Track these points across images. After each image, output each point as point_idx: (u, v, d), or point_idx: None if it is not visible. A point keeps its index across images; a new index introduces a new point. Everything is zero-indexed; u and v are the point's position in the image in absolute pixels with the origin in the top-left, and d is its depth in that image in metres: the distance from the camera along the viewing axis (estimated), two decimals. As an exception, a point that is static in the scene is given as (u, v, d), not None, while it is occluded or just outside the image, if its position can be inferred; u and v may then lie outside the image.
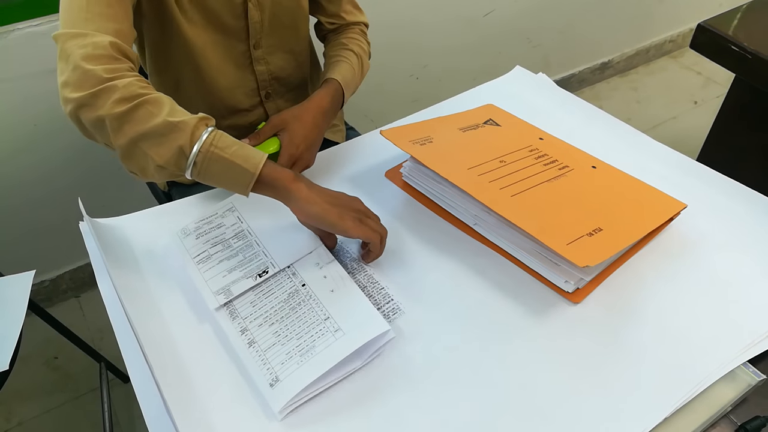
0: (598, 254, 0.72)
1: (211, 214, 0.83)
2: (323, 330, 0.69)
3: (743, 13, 1.30)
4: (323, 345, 0.67)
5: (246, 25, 0.95)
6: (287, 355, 0.67)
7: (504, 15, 2.01)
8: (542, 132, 0.96)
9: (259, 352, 0.68)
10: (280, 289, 0.75)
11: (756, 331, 0.71)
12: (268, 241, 0.80)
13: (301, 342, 0.68)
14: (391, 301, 0.75)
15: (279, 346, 0.68)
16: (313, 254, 0.78)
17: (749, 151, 1.38)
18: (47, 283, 1.66)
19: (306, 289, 0.74)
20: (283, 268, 0.76)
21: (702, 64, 2.54)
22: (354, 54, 1.03)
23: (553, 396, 0.65)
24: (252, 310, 0.73)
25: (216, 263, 0.77)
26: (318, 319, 0.70)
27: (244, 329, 0.71)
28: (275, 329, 0.70)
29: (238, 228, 0.81)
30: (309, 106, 0.94)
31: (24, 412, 1.47)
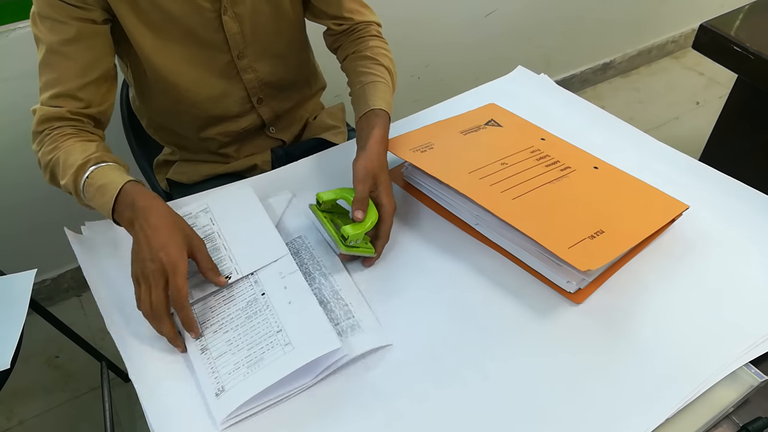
0: (599, 257, 0.72)
1: (185, 214, 0.83)
2: (274, 342, 0.68)
3: (745, 14, 1.29)
4: (271, 358, 0.66)
5: (225, 38, 0.94)
6: (235, 365, 0.66)
7: (506, 15, 2.01)
8: (544, 132, 0.96)
9: (210, 360, 0.68)
10: (241, 296, 0.74)
11: (758, 332, 0.70)
12: (236, 245, 0.79)
13: (250, 353, 0.67)
14: (352, 317, 0.73)
15: (229, 355, 0.68)
16: (278, 263, 0.77)
17: (751, 152, 1.37)
18: (48, 282, 1.66)
19: (265, 298, 0.73)
20: (246, 275, 0.76)
21: (704, 65, 2.53)
22: (385, 69, 0.97)
23: (555, 396, 0.65)
24: (210, 315, 0.72)
25: None
26: (271, 330, 0.69)
27: (199, 335, 0.70)
28: (228, 338, 0.70)
29: (209, 230, 0.81)
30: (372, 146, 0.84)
31: (25, 411, 1.47)
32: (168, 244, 0.70)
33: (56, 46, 0.83)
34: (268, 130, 1.11)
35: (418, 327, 0.73)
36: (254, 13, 0.94)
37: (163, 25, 0.89)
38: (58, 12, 0.82)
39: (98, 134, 0.88)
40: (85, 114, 0.86)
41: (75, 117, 0.85)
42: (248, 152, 1.11)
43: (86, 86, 0.85)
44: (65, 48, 0.83)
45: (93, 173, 0.78)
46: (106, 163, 0.80)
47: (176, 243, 0.70)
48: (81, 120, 0.86)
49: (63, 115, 0.84)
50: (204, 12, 0.90)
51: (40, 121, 0.85)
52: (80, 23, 0.83)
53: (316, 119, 1.17)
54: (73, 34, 0.82)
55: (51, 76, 0.84)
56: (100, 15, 0.85)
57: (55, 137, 0.84)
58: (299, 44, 1.06)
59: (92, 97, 0.86)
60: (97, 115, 0.88)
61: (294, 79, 1.08)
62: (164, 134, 1.09)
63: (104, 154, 0.81)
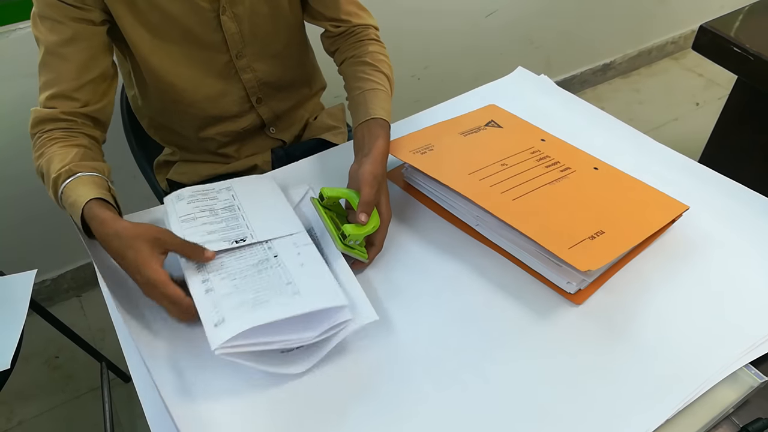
0: (599, 258, 0.72)
1: (208, 188, 0.85)
2: (282, 291, 0.68)
3: (745, 15, 1.30)
4: (278, 301, 0.67)
5: (223, 38, 0.94)
6: (240, 303, 0.67)
7: (506, 16, 2.01)
8: (544, 133, 0.96)
9: (213, 299, 0.68)
10: (253, 256, 0.75)
11: (758, 333, 0.70)
12: (254, 217, 0.81)
13: (257, 296, 0.68)
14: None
15: (235, 295, 0.68)
16: (293, 236, 0.78)
17: (751, 153, 1.38)
18: (48, 282, 1.66)
19: (277, 259, 0.74)
20: (261, 241, 0.77)
21: (704, 66, 2.53)
22: (384, 76, 0.97)
23: (555, 397, 0.65)
24: (218, 267, 0.73)
25: (199, 225, 0.78)
26: (281, 282, 0.70)
27: (206, 279, 0.71)
28: (236, 283, 0.70)
29: (229, 203, 0.83)
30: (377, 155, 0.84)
31: (25, 412, 1.47)
32: (137, 263, 0.70)
33: (54, 47, 0.83)
34: (268, 130, 1.11)
35: (418, 328, 0.73)
36: (253, 13, 0.94)
37: (161, 26, 0.90)
38: (56, 12, 0.82)
39: (92, 134, 0.88)
40: (81, 113, 0.86)
41: (68, 118, 0.85)
42: (248, 152, 1.11)
43: (83, 87, 0.86)
44: (62, 49, 0.83)
45: (65, 189, 0.78)
46: (77, 175, 0.79)
47: (144, 257, 0.70)
48: (74, 120, 0.86)
49: (55, 117, 0.85)
50: (203, 12, 0.90)
51: (32, 124, 0.86)
52: (78, 24, 0.83)
53: (317, 119, 1.17)
54: (70, 35, 0.83)
55: (49, 77, 0.85)
56: (98, 16, 0.85)
57: (44, 141, 0.84)
58: (298, 44, 1.06)
59: (89, 97, 0.87)
60: (95, 114, 0.88)
61: (293, 79, 1.08)
62: (164, 134, 1.09)
63: (78, 165, 0.80)
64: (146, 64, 0.93)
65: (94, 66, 0.86)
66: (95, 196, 0.76)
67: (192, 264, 0.73)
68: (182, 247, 0.73)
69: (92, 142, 0.87)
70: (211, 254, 0.73)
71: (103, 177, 0.81)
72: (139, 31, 0.89)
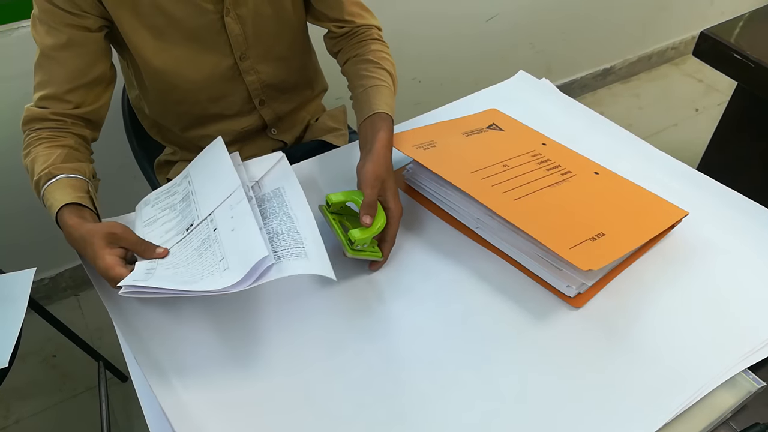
0: (600, 259, 0.72)
1: (171, 185, 0.87)
2: (214, 270, 0.69)
3: (746, 22, 1.30)
4: (209, 281, 0.68)
5: (227, 39, 0.94)
6: (171, 279, 0.69)
7: (507, 20, 2.01)
8: (545, 137, 0.96)
9: (150, 274, 0.70)
10: (197, 237, 0.76)
11: (756, 339, 0.71)
12: (201, 192, 0.82)
13: (191, 279, 0.69)
14: (302, 248, 0.72)
15: (171, 275, 0.70)
16: (230, 198, 0.78)
17: (750, 159, 1.38)
18: (47, 281, 1.66)
19: (216, 233, 0.75)
20: (205, 218, 0.78)
21: (704, 72, 2.54)
22: (388, 73, 0.97)
23: (553, 400, 0.66)
24: (168, 258, 0.75)
25: (159, 226, 0.80)
26: (215, 260, 0.71)
27: (151, 269, 0.72)
28: (177, 271, 0.72)
29: (185, 191, 0.84)
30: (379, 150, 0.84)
31: (22, 410, 1.47)
32: (94, 256, 0.71)
33: (48, 50, 0.84)
34: (270, 131, 1.11)
35: (418, 330, 0.73)
36: (256, 15, 0.94)
37: (165, 29, 0.90)
38: (52, 18, 0.83)
39: (82, 133, 0.88)
40: (72, 114, 0.87)
41: (58, 118, 0.86)
42: (249, 153, 1.11)
43: (75, 90, 0.86)
44: (57, 53, 0.84)
45: (45, 192, 0.80)
46: (56, 177, 0.80)
47: (98, 251, 0.71)
48: (64, 120, 0.86)
49: (45, 116, 0.85)
50: (207, 14, 0.91)
51: (23, 122, 0.87)
52: (72, 30, 0.84)
53: (318, 121, 1.17)
54: (64, 41, 0.83)
55: (42, 78, 0.86)
56: (94, 23, 0.85)
57: (31, 140, 0.86)
58: (301, 46, 1.06)
59: (82, 99, 0.87)
60: (87, 115, 0.89)
61: (296, 81, 1.09)
62: (165, 134, 1.09)
63: (58, 167, 0.81)
64: (148, 67, 0.93)
65: (88, 71, 0.87)
66: (69, 201, 0.77)
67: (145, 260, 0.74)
68: (135, 245, 0.74)
69: (79, 142, 0.88)
70: (163, 251, 0.75)
71: (82, 178, 0.82)
72: (141, 34, 0.89)
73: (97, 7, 0.85)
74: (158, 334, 0.73)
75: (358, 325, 0.74)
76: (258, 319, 0.74)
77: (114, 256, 0.71)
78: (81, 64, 0.86)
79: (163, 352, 0.70)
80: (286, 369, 0.69)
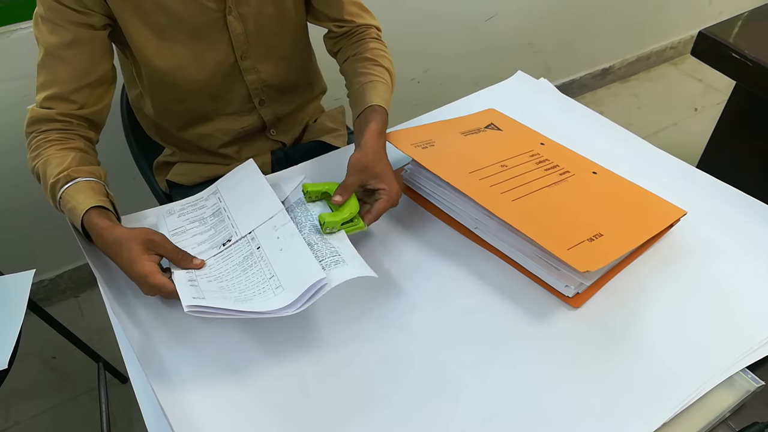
0: (598, 259, 0.72)
1: (197, 198, 0.88)
2: (266, 287, 0.71)
3: (744, 21, 1.30)
4: (261, 298, 0.69)
5: (229, 38, 0.95)
6: (222, 297, 0.70)
7: (506, 21, 2.01)
8: (543, 137, 0.96)
9: (197, 287, 0.71)
10: (238, 253, 0.77)
11: (755, 338, 0.71)
12: (237, 210, 0.83)
13: (241, 295, 0.71)
14: (337, 255, 0.74)
15: (220, 292, 0.71)
16: (273, 219, 0.80)
17: (749, 158, 1.38)
18: (46, 282, 1.66)
19: (260, 251, 0.76)
20: (245, 235, 0.79)
21: (702, 71, 2.54)
22: (385, 70, 0.98)
23: (552, 400, 0.66)
24: (205, 270, 0.75)
25: (189, 237, 0.81)
26: (264, 277, 0.72)
27: (192, 279, 0.73)
28: (222, 285, 0.73)
29: (216, 207, 0.85)
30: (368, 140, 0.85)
31: (21, 412, 1.47)
32: (130, 261, 0.72)
33: (53, 49, 0.84)
34: (269, 132, 1.11)
35: (416, 330, 0.73)
36: (258, 13, 0.95)
37: (167, 27, 0.90)
38: (57, 15, 0.82)
39: (88, 135, 0.89)
40: (77, 115, 0.87)
41: (64, 119, 0.86)
42: (248, 154, 1.11)
43: (80, 90, 0.86)
44: (62, 52, 0.84)
45: (64, 194, 0.79)
46: (75, 180, 0.80)
47: (136, 257, 0.72)
48: (70, 122, 0.86)
49: (52, 117, 0.85)
50: (209, 12, 0.91)
51: (29, 123, 0.86)
52: (78, 28, 0.83)
53: (317, 122, 1.17)
54: (70, 39, 0.83)
55: (47, 78, 0.85)
56: (99, 20, 0.85)
57: (39, 143, 0.85)
58: (302, 47, 1.07)
59: (86, 100, 0.87)
60: (91, 116, 0.89)
61: (296, 81, 1.09)
62: (165, 134, 1.09)
63: (76, 170, 0.81)
64: (150, 65, 0.93)
65: (92, 70, 0.87)
66: (94, 204, 0.77)
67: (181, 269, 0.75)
68: (172, 253, 0.75)
69: (88, 145, 0.88)
70: (200, 262, 0.76)
71: (100, 182, 0.82)
72: (143, 32, 0.89)
73: (102, 5, 0.85)
74: (159, 334, 0.73)
75: (356, 326, 0.74)
76: (257, 321, 0.74)
77: (153, 263, 0.72)
78: (86, 63, 0.86)
79: (163, 352, 0.71)
80: (285, 369, 0.69)
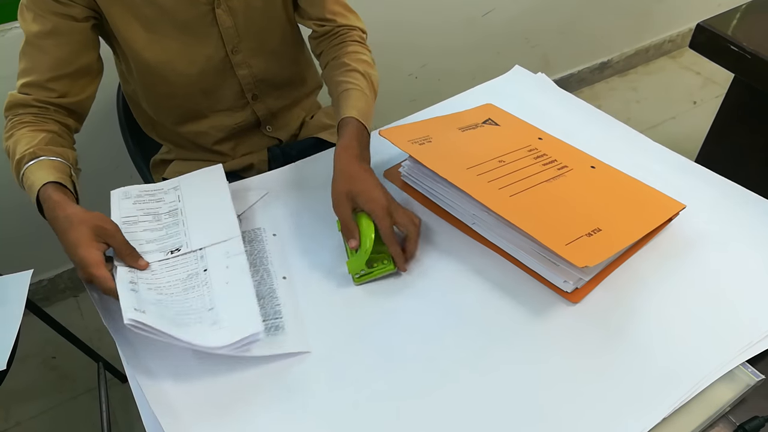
0: (597, 255, 0.72)
1: (156, 188, 0.85)
2: (203, 318, 0.69)
3: (742, 13, 1.30)
4: (196, 330, 0.67)
5: (219, 32, 0.94)
6: (161, 315, 0.67)
7: (503, 14, 2.01)
8: (541, 132, 0.96)
9: (137, 296, 0.68)
10: (183, 267, 0.75)
11: (755, 332, 0.70)
12: (193, 221, 0.81)
13: (178, 317, 0.68)
14: (279, 319, 0.73)
15: (157, 306, 0.68)
16: (227, 242, 0.78)
17: (748, 151, 1.38)
18: (45, 282, 1.65)
19: (206, 275, 0.74)
20: (195, 250, 0.77)
21: (701, 64, 2.53)
22: (360, 74, 0.94)
23: (551, 396, 0.65)
24: (148, 273, 0.73)
25: (140, 231, 0.78)
26: (203, 307, 0.70)
27: (133, 282, 0.71)
28: (161, 298, 0.70)
29: (174, 206, 0.83)
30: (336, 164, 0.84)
31: (22, 413, 1.47)
32: (76, 243, 0.71)
33: (33, 38, 0.85)
34: (265, 128, 1.11)
35: (414, 327, 0.73)
36: (247, 7, 0.95)
37: (156, 20, 0.90)
38: (39, 5, 0.83)
39: (65, 122, 0.88)
40: (55, 103, 0.87)
41: (41, 105, 0.86)
42: (244, 151, 1.11)
43: (58, 79, 0.86)
44: (41, 41, 0.84)
45: (26, 171, 0.79)
46: (39, 158, 0.80)
47: (83, 240, 0.71)
48: (47, 108, 0.86)
49: (28, 102, 0.86)
50: (198, 5, 0.91)
51: (6, 107, 0.87)
52: (58, 18, 0.84)
53: (313, 118, 1.17)
54: (49, 29, 0.84)
55: (26, 66, 0.86)
56: (81, 12, 0.85)
57: (14, 124, 0.85)
58: (292, 42, 1.06)
59: (67, 89, 0.88)
60: (71, 106, 0.89)
61: (288, 77, 1.08)
62: (160, 131, 1.09)
63: (42, 149, 0.81)
64: (139, 59, 0.93)
65: (73, 60, 0.87)
66: (53, 180, 0.77)
67: (125, 266, 0.73)
68: (121, 246, 0.73)
69: (63, 129, 0.88)
70: (145, 264, 0.74)
71: (66, 163, 0.82)
72: (132, 25, 0.89)
73: None
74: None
75: (352, 323, 0.74)
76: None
77: (99, 253, 0.71)
78: (65, 53, 0.86)
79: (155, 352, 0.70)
80: (279, 368, 0.69)
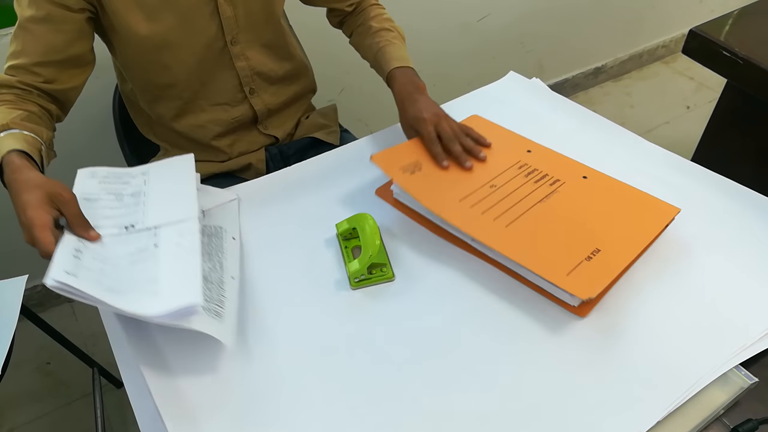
0: (598, 282, 0.72)
1: (125, 172, 0.84)
2: (142, 288, 0.67)
3: (735, 19, 1.31)
4: (131, 297, 0.66)
5: (219, 22, 0.96)
6: (96, 281, 0.65)
7: (498, 20, 2.02)
8: (530, 142, 0.95)
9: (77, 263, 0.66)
10: (135, 243, 0.73)
11: (749, 334, 0.71)
12: (153, 200, 0.80)
13: (115, 284, 0.67)
14: (221, 307, 0.72)
15: (95, 274, 0.67)
16: (183, 223, 0.76)
17: (741, 155, 1.38)
18: (40, 287, 1.64)
19: (156, 250, 0.72)
20: (149, 227, 0.76)
21: (694, 69, 2.55)
22: (388, 31, 1.09)
23: (548, 396, 0.66)
24: (98, 247, 0.71)
25: (99, 208, 0.76)
26: (145, 278, 0.69)
27: (78, 250, 0.69)
28: (103, 267, 0.68)
29: (138, 189, 0.82)
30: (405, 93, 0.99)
31: (16, 418, 1.46)
32: (27, 204, 0.70)
33: (25, 22, 0.85)
34: (261, 125, 1.12)
35: (415, 336, 0.73)
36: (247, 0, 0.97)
37: (158, 9, 0.91)
38: None
39: (46, 106, 0.88)
40: (39, 87, 0.87)
41: (24, 87, 0.87)
42: (242, 148, 1.12)
43: (46, 65, 0.87)
44: (32, 26, 0.85)
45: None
46: (11, 130, 0.79)
47: (35, 202, 0.70)
48: (30, 91, 0.87)
49: (12, 83, 0.86)
50: None
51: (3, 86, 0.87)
52: (52, 6, 0.85)
53: (309, 119, 1.18)
54: (42, 15, 0.85)
55: (15, 49, 0.87)
56: (76, 3, 0.86)
57: None
58: (282, 35, 1.08)
59: (54, 76, 0.88)
60: (56, 93, 0.89)
61: (285, 73, 1.10)
62: (158, 129, 1.09)
63: (16, 123, 0.80)
64: (140, 47, 0.94)
65: (63, 49, 0.87)
66: (19, 148, 0.76)
67: (74, 235, 0.71)
68: (74, 217, 0.71)
69: (42, 111, 0.88)
70: (96, 236, 0.72)
71: (37, 138, 0.82)
72: (134, 13, 0.90)
73: None
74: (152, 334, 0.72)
75: (351, 329, 0.74)
76: (251, 321, 0.74)
77: (48, 216, 0.69)
78: (55, 41, 0.87)
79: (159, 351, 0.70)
80: (278, 372, 0.69)
